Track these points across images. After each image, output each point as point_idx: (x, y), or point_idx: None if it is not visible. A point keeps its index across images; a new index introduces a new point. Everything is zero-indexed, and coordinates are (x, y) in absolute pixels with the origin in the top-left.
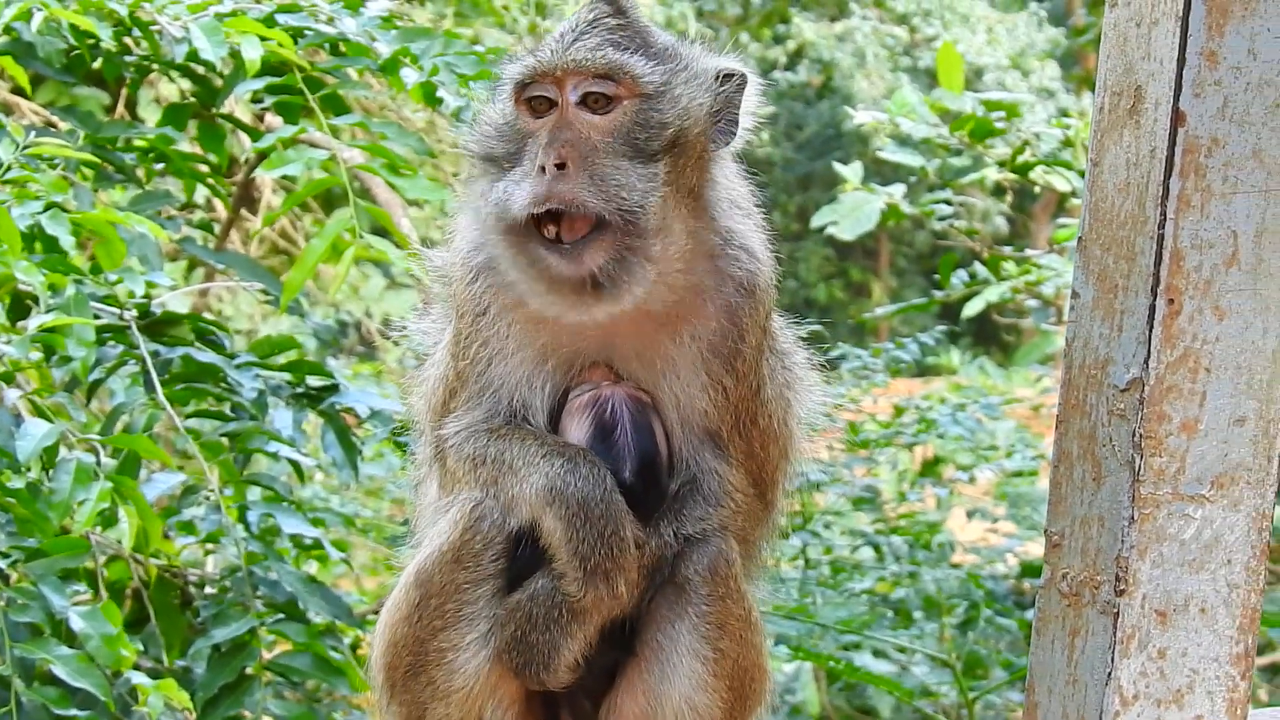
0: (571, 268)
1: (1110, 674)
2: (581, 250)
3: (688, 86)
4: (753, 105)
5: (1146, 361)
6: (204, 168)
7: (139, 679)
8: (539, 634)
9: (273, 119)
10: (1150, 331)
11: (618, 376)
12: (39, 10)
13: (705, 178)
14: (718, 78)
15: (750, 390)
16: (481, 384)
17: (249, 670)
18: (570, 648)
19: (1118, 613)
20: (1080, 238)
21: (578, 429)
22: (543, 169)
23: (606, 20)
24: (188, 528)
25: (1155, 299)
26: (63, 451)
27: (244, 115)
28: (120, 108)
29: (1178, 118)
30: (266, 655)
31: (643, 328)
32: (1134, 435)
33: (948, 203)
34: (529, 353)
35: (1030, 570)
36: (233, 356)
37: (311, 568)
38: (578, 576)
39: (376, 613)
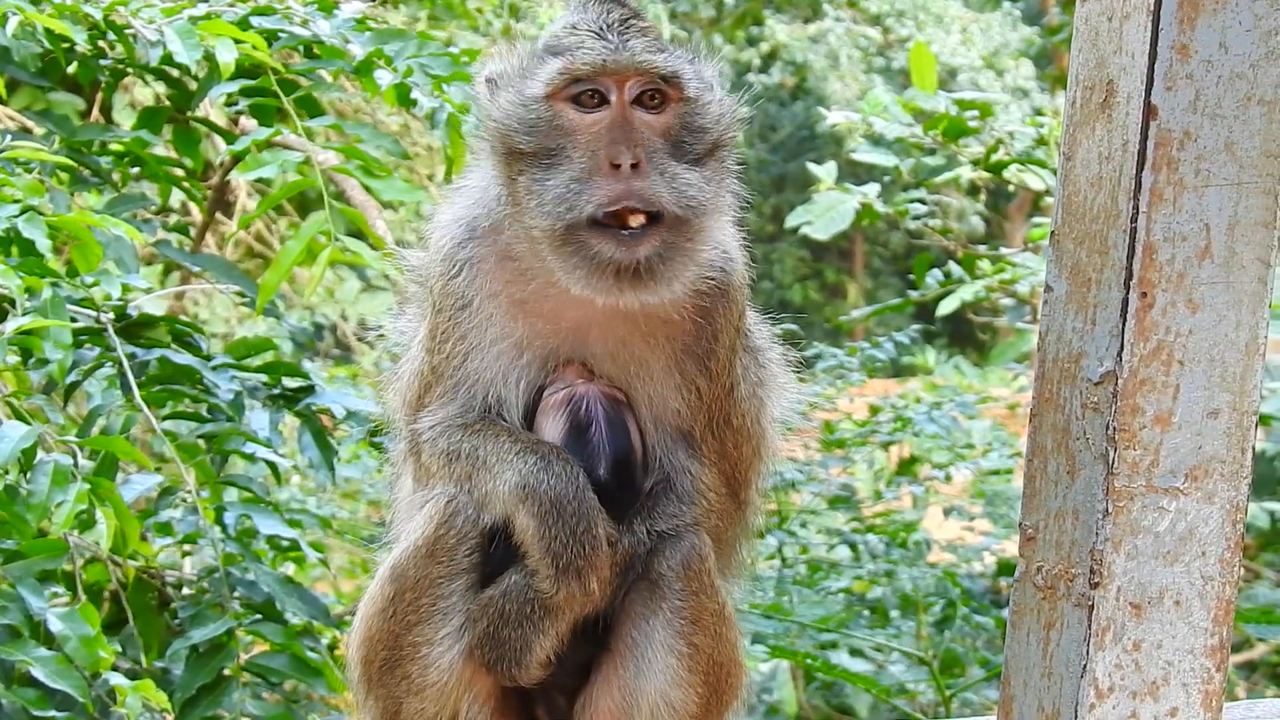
0: (625, 253)
1: (1085, 666)
2: (640, 238)
3: (712, 92)
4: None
5: (1120, 355)
6: (179, 172)
7: (117, 680)
8: (511, 630)
9: (247, 122)
10: (1123, 325)
11: (592, 374)
12: (14, 15)
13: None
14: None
15: (724, 390)
16: (457, 378)
17: (227, 671)
18: (542, 644)
19: (1092, 605)
20: (1053, 232)
21: (553, 426)
22: (614, 166)
23: (635, 22)
24: (165, 529)
25: (1128, 292)
26: (40, 453)
27: (218, 118)
28: (95, 112)
29: (1150, 111)
30: (244, 656)
31: (618, 326)
32: (1108, 428)
33: (922, 202)
34: (506, 345)
35: (1007, 568)
36: (209, 358)
37: (288, 569)
38: (550, 574)
39: (354, 614)
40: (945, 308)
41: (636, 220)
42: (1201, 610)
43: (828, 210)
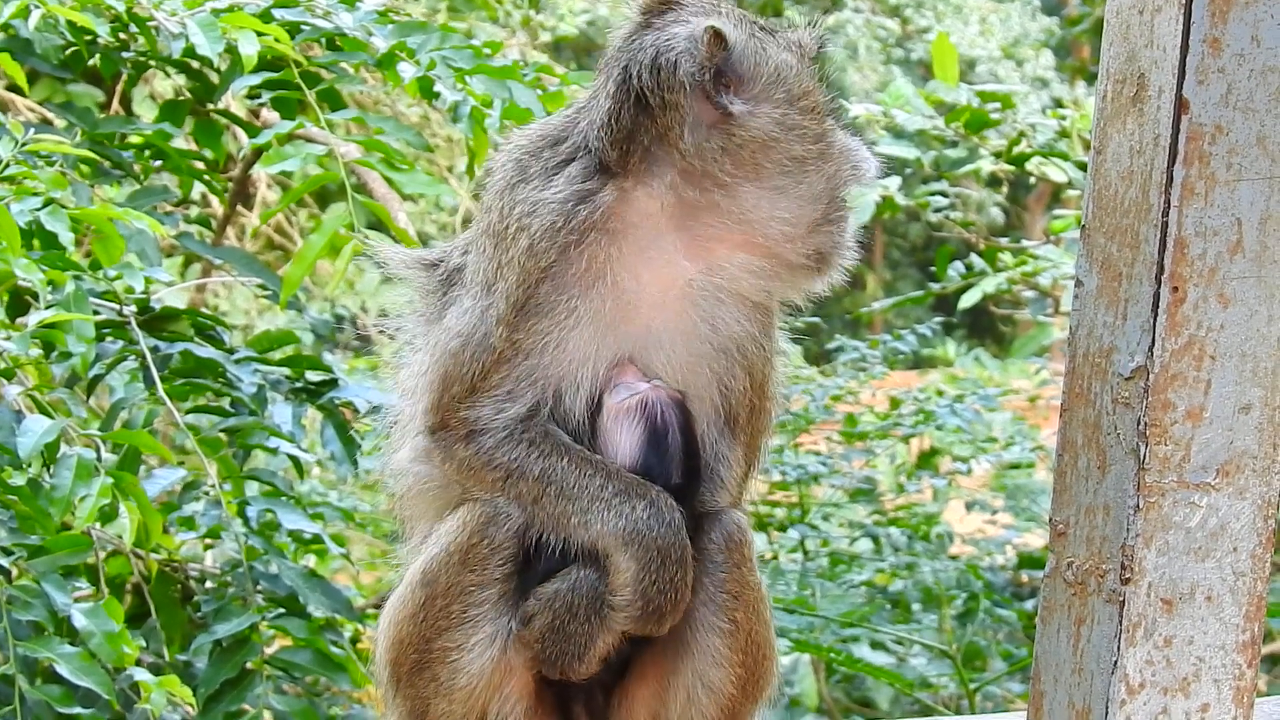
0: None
1: (1116, 663)
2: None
3: None
4: None
5: (1151, 349)
6: (200, 165)
7: (141, 675)
8: (579, 624)
9: (269, 114)
10: (1155, 319)
11: (644, 374)
12: (36, 7)
13: None
14: None
15: (765, 377)
16: (542, 358)
17: (250, 665)
18: (605, 640)
19: (1123, 601)
20: (1083, 226)
21: (628, 434)
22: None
23: None
24: (188, 523)
25: (1159, 287)
26: (63, 447)
27: (239, 110)
28: (115, 104)
29: (1181, 105)
30: (267, 650)
31: (699, 307)
32: (1139, 423)
33: (943, 194)
34: (597, 326)
35: (1028, 561)
36: (232, 351)
37: (309, 562)
38: (635, 615)
39: (376, 607)
40: (967, 300)
41: None
42: (1233, 606)
43: None
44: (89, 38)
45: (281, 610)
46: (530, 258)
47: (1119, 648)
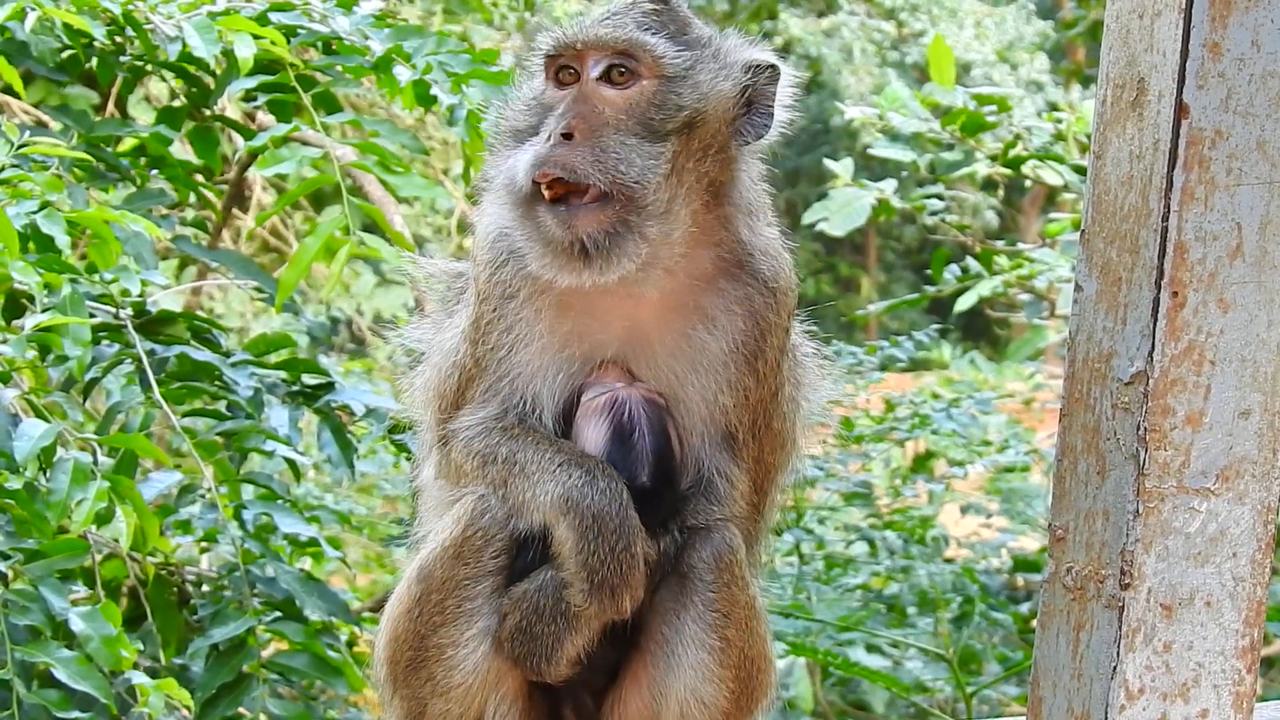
0: (563, 231)
1: (1116, 668)
2: (575, 215)
3: (712, 73)
4: (786, 99)
5: (1150, 354)
6: (198, 177)
7: (139, 679)
8: (545, 625)
9: (265, 117)
10: (1154, 324)
11: (631, 377)
12: (33, 9)
13: (727, 170)
14: (748, 69)
15: (769, 392)
16: (499, 372)
17: (247, 669)
18: (574, 642)
19: (1123, 607)
20: (1083, 231)
21: (595, 431)
22: (549, 136)
23: (644, 4)
24: (184, 526)
25: (1159, 292)
26: (60, 451)
27: (235, 113)
28: (111, 107)
29: (1181, 110)
30: (264, 653)
31: (665, 325)
32: (1138, 428)
33: (939, 198)
34: (551, 340)
35: (1023, 565)
36: (228, 355)
37: (305, 564)
38: (584, 588)
39: (373, 610)
40: (963, 303)
41: (555, 193)
42: (1232, 611)
43: (844, 206)
44: (85, 40)
45: (278, 614)
46: (484, 273)
47: (1118, 653)
